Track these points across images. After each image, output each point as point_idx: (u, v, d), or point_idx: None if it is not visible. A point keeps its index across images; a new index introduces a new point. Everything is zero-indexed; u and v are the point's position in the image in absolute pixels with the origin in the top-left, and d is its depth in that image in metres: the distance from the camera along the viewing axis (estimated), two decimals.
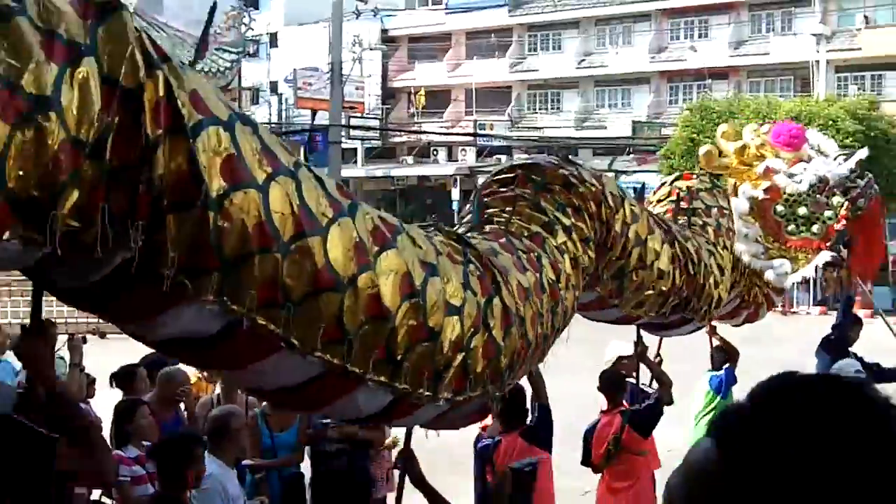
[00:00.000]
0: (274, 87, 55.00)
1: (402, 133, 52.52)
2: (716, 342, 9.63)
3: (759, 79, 45.66)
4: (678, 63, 46.98)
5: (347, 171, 44.87)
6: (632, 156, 43.09)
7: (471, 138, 48.78)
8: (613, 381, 7.98)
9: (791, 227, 6.41)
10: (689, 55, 45.05)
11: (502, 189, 4.70)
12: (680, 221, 6.23)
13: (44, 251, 2.69)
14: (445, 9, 54.50)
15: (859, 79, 42.45)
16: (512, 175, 4.80)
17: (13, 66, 2.53)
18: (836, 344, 10.66)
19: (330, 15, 36.70)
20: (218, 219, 3.02)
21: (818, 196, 6.46)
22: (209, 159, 3.01)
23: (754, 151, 6.44)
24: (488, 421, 6.62)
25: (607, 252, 4.88)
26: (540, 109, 52.73)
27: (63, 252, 2.66)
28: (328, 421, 7.07)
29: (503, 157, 50.09)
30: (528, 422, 6.90)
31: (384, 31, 56.05)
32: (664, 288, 5.25)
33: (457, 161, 50.92)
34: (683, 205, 6.49)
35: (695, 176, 6.88)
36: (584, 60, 50.48)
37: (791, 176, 6.36)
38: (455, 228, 4.57)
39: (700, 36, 47.21)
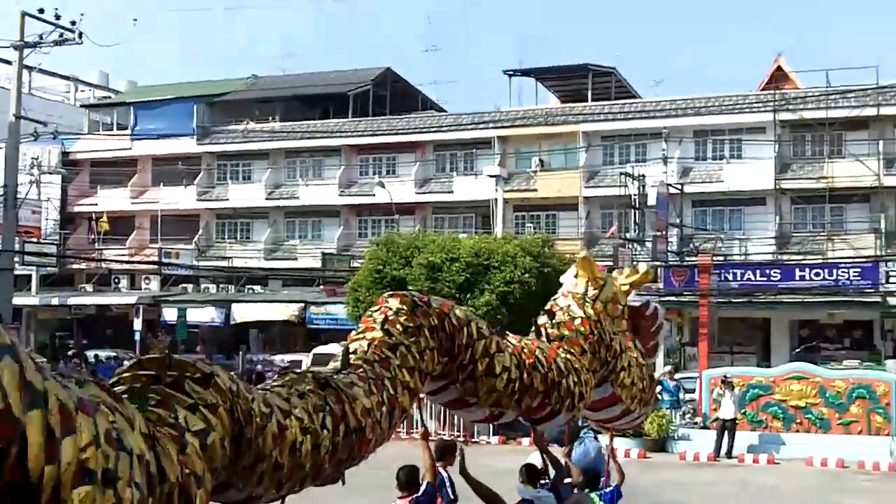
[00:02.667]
0: None
1: (82, 260, 50.59)
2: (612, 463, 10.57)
3: (444, 215, 47.70)
4: (367, 198, 48.27)
5: (20, 299, 42.64)
6: (321, 287, 43.49)
7: (155, 266, 47.70)
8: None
9: None
10: (378, 190, 46.44)
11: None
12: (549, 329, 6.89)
13: None
14: (131, 135, 53.60)
15: (535, 217, 45.28)
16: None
17: None
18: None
19: (6, 136, 35.33)
20: None
21: None
22: None
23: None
24: None
25: (456, 358, 5.57)
26: (229, 238, 52.43)
27: None
28: None
29: (189, 286, 49.33)
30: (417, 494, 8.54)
31: (65, 153, 54.31)
32: (515, 388, 5.88)
33: (140, 289, 49.51)
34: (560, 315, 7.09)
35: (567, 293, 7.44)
36: (274, 192, 50.87)
37: None
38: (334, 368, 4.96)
39: (388, 172, 48.84)
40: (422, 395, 5.71)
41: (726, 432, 24.97)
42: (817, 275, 35.38)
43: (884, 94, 40.59)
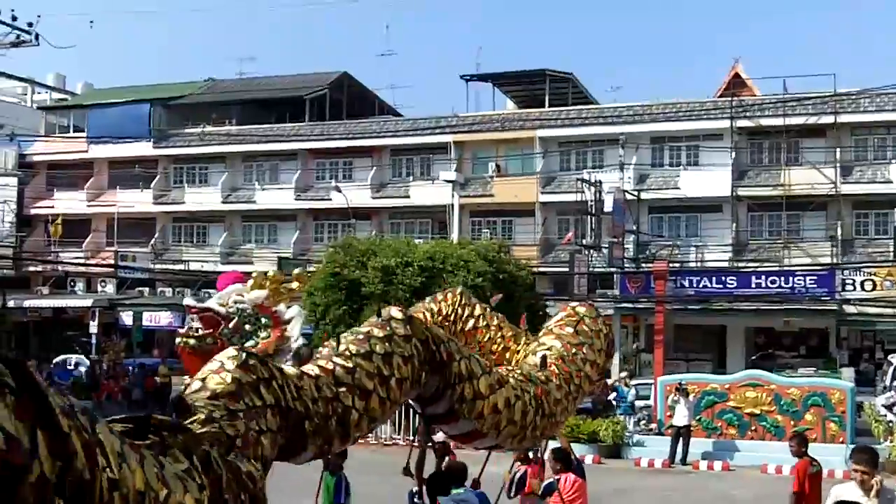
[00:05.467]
0: None
1: (38, 262, 50.01)
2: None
3: (401, 220, 47.51)
4: (323, 202, 47.99)
5: None
6: None
7: (112, 269, 47.21)
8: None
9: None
10: (334, 194, 46.19)
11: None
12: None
13: None
14: (87, 138, 53.04)
15: (492, 223, 45.21)
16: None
17: None
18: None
19: None
20: None
21: None
22: None
23: None
24: None
25: (442, 372, 5.82)
26: (185, 242, 52.01)
27: None
28: None
29: (146, 290, 48.84)
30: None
31: (22, 156, 53.80)
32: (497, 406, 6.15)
33: (96, 292, 48.99)
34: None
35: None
36: (230, 195, 50.50)
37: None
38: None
39: (344, 177, 48.60)
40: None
41: (681, 439, 24.93)
42: (773, 282, 35.57)
43: (841, 101, 40.81)
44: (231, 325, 6.24)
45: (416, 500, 9.50)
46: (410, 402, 5.98)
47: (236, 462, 4.27)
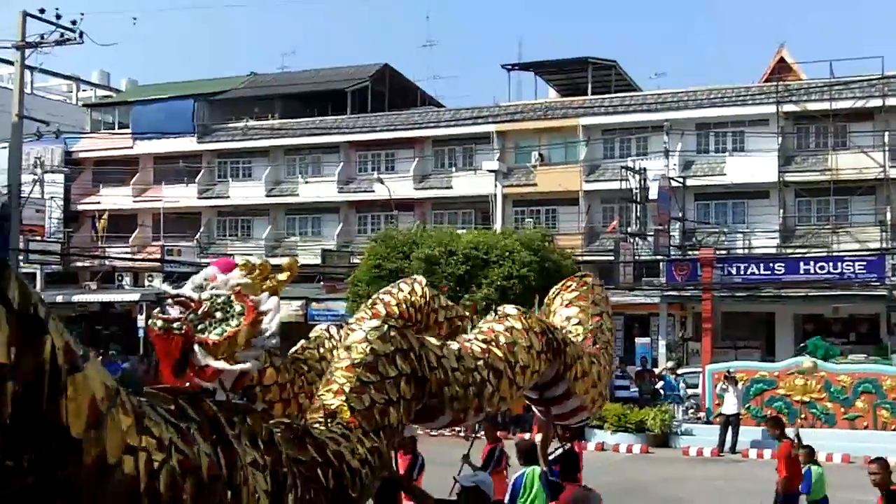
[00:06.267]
0: None
1: (86, 257, 50.50)
2: None
3: (443, 211, 47.41)
4: (366, 194, 48.05)
5: None
6: (322, 283, 43.26)
7: (158, 264, 47.56)
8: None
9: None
10: (377, 186, 46.22)
11: None
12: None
13: None
14: (132, 134, 53.48)
15: (535, 212, 45.01)
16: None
17: None
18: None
19: (9, 135, 35.21)
20: None
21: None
22: None
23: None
24: None
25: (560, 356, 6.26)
26: (230, 235, 52.30)
27: None
28: None
29: None
30: None
31: (68, 153, 54.33)
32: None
33: (143, 287, 49.39)
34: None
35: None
36: (274, 189, 50.72)
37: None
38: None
39: (387, 169, 48.61)
40: None
41: (730, 427, 24.73)
42: (822, 268, 35.08)
43: (889, 84, 40.15)
44: (200, 311, 6.06)
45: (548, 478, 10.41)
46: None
47: (324, 441, 4.51)
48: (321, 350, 6.79)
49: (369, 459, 4.70)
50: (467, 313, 7.52)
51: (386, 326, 5.33)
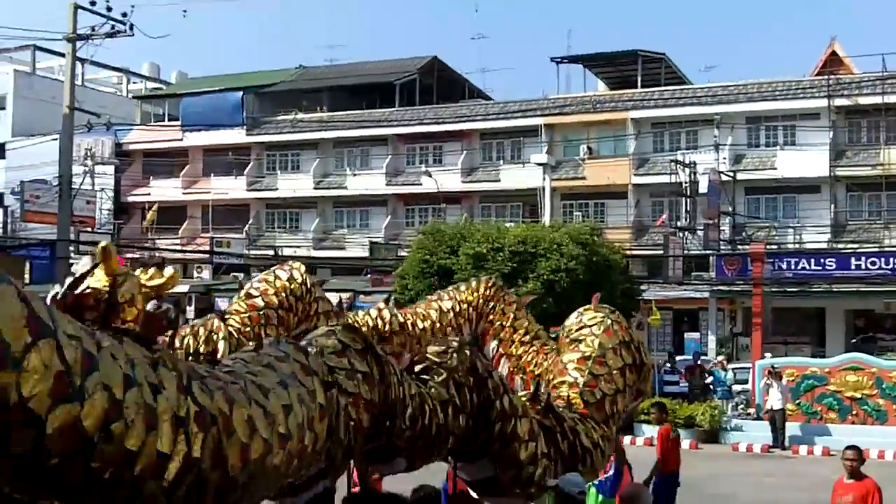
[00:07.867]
0: (0, 199, 52.68)
1: (135, 249, 50.98)
2: None
3: (491, 204, 47.41)
4: (414, 187, 48.14)
5: None
6: (369, 276, 43.39)
7: (207, 255, 47.95)
8: None
9: None
10: (425, 179, 46.27)
11: None
12: None
13: None
14: (182, 126, 53.91)
15: (583, 206, 44.86)
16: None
17: None
18: None
19: (60, 127, 35.59)
20: None
21: None
22: None
23: None
24: None
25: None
26: (278, 228, 52.63)
27: None
28: None
29: (241, 275, 49.46)
30: None
31: (118, 145, 54.86)
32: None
33: (192, 278, 49.79)
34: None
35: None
36: (322, 181, 50.94)
37: None
38: None
39: (435, 161, 48.68)
40: None
41: (775, 423, 24.56)
42: (873, 263, 34.67)
43: None
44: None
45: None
46: None
47: (562, 416, 5.14)
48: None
49: (600, 444, 5.33)
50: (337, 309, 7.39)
51: (609, 320, 5.82)
